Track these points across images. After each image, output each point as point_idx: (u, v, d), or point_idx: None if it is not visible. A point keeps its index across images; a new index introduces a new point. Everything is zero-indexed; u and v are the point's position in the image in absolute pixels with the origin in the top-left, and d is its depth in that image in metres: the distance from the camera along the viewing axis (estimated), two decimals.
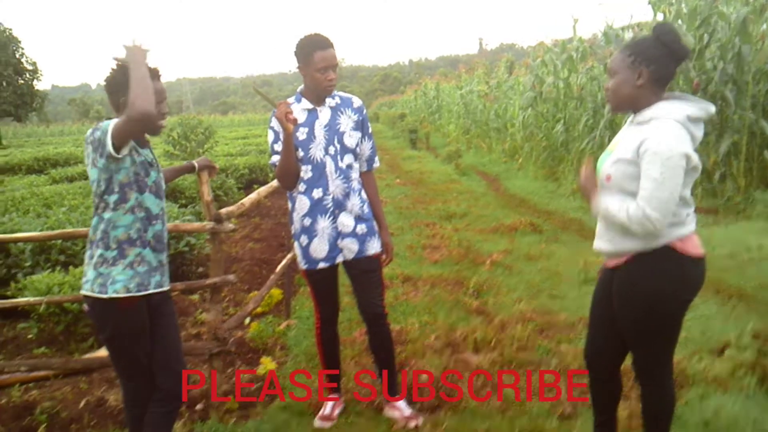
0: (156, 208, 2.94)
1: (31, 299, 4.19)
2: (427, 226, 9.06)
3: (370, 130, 3.64)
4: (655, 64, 2.59)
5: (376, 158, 3.69)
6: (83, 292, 2.86)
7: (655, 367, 2.77)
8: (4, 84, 40.91)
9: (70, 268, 5.30)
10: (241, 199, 5.09)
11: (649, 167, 2.51)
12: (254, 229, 9.08)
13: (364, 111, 3.59)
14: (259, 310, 5.57)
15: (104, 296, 2.78)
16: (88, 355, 4.59)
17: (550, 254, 7.34)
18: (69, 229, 4.57)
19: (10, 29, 42.15)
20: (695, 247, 2.65)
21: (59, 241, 5.79)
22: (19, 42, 42.43)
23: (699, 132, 2.63)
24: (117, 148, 2.67)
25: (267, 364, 4.48)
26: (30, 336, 5.23)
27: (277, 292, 5.90)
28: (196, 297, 6.15)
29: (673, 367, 2.86)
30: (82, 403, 4.10)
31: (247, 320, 5.33)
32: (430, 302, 5.71)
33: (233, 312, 5.61)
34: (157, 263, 2.95)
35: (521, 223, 8.86)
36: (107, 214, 2.81)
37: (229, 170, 12.44)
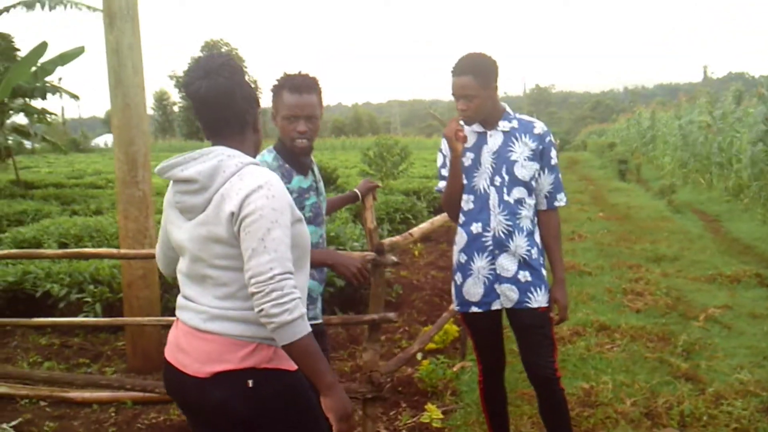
0: (314, 236, 2.68)
1: None
2: (630, 268, 8.14)
3: (553, 162, 3.07)
4: None
5: (561, 195, 3.10)
6: None
7: None
8: None
9: None
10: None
11: None
12: (440, 256, 8.69)
13: (548, 139, 3.04)
14: (433, 346, 5.14)
15: None
16: None
17: None
18: None
19: (237, 49, 45.40)
20: None
21: None
22: (244, 61, 45.65)
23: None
24: None
25: (432, 412, 4.02)
26: None
27: (453, 329, 5.42)
28: None
29: None
30: None
31: (419, 356, 4.92)
32: (628, 359, 4.97)
33: (405, 345, 5.24)
34: (316, 295, 2.76)
35: (745, 273, 7.67)
36: None
37: (422, 192, 12.10)
